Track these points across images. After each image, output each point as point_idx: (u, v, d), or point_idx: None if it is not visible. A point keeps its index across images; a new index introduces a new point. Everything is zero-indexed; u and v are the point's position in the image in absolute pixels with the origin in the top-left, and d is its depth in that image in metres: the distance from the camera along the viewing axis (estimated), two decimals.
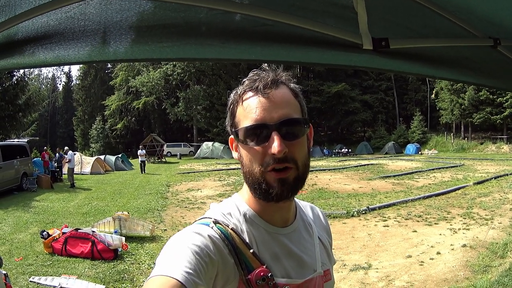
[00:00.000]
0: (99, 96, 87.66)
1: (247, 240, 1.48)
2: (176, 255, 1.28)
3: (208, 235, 1.39)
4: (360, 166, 35.52)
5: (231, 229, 1.48)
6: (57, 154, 32.75)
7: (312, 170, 31.64)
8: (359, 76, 76.50)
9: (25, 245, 11.63)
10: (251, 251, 1.45)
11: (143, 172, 35.93)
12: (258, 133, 1.39)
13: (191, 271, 1.21)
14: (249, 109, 1.42)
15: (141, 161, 37.16)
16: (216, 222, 1.49)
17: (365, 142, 66.74)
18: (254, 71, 1.50)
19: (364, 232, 12.29)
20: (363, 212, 14.80)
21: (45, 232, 11.06)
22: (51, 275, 9.02)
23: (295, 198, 1.71)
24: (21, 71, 32.87)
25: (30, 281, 8.72)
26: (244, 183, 1.56)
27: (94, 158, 39.77)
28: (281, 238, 1.54)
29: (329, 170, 32.61)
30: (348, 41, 1.48)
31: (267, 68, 1.49)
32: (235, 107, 1.50)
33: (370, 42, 1.45)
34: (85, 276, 9.02)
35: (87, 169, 35.61)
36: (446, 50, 1.60)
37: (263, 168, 1.40)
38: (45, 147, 35.68)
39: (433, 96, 60.56)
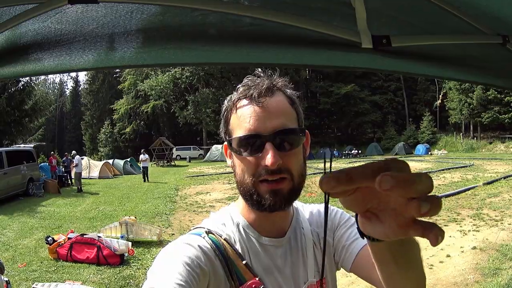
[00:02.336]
0: (107, 100, 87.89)
1: (240, 251, 1.47)
2: (167, 267, 1.26)
3: (199, 246, 1.37)
4: None
5: (224, 239, 1.47)
6: (64, 158, 32.76)
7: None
8: (368, 77, 76.53)
9: (30, 251, 11.62)
10: (244, 262, 1.44)
11: (146, 180, 31.91)
12: (252, 143, 1.36)
13: (182, 283, 1.19)
14: (243, 118, 1.38)
15: (143, 167, 33.03)
16: (209, 232, 1.48)
17: (375, 143, 66.74)
18: (249, 77, 1.46)
19: None
20: None
21: (50, 238, 11.01)
22: (55, 281, 8.88)
23: (297, 202, 1.70)
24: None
25: (33, 287, 8.65)
26: None
27: (102, 162, 39.86)
28: (274, 250, 1.51)
29: None
30: (345, 40, 1.37)
31: (262, 74, 1.44)
32: (229, 115, 1.47)
33: (369, 40, 1.34)
34: (90, 282, 8.98)
35: (95, 173, 35.64)
36: (452, 48, 1.50)
37: (255, 178, 1.37)
38: (52, 152, 35.75)
39: (438, 102, 60.44)
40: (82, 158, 38.00)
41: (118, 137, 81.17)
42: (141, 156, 33.42)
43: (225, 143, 1.51)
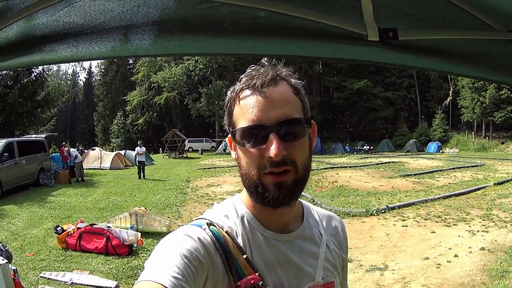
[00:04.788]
0: (120, 92, 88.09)
1: (241, 245, 1.43)
2: (165, 259, 1.24)
3: (198, 238, 1.35)
4: (381, 164, 35.36)
5: (226, 232, 1.43)
6: (76, 149, 32.84)
7: (334, 167, 32.02)
8: (381, 72, 76.40)
9: (38, 241, 11.73)
10: (245, 256, 1.39)
11: (140, 176, 28.43)
12: (255, 134, 1.32)
13: (179, 276, 1.17)
14: (246, 108, 1.35)
15: (138, 161, 29.23)
16: (210, 224, 1.45)
17: (386, 140, 66.72)
18: (252, 67, 1.42)
19: (382, 232, 12.17)
20: (383, 211, 14.67)
21: (59, 227, 11.07)
22: (63, 271, 9.07)
23: (310, 204, 1.72)
24: (40, 67, 33.23)
25: (41, 277, 8.75)
26: None
27: (114, 153, 40.14)
28: (280, 245, 1.46)
29: (350, 167, 32.45)
30: (351, 32, 1.35)
31: (266, 63, 1.41)
32: (232, 106, 1.43)
33: (376, 33, 1.33)
34: (98, 272, 9.03)
35: (107, 164, 35.86)
36: (464, 44, 1.48)
37: (259, 170, 1.33)
38: (64, 143, 35.90)
39: (448, 100, 60.20)
40: (94, 149, 38.19)
41: (131, 128, 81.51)
42: (137, 149, 29.64)
43: (229, 135, 1.47)
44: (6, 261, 7.26)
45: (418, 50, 1.42)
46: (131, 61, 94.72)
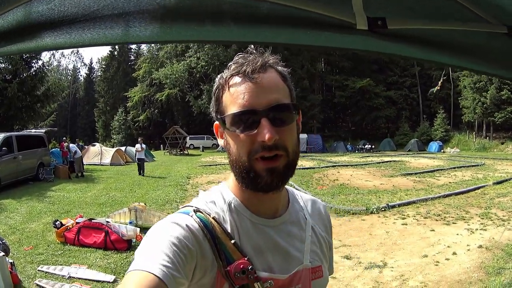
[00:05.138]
0: (122, 88, 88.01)
1: (229, 230, 1.44)
2: (154, 248, 1.25)
3: (187, 225, 1.36)
4: (383, 162, 35.53)
5: (213, 218, 1.44)
6: (75, 144, 32.80)
7: (335, 166, 32.08)
8: (383, 71, 76.54)
9: (37, 235, 11.77)
10: (233, 241, 1.41)
11: (141, 173, 28.09)
12: (246, 119, 1.34)
13: (169, 264, 1.19)
14: (236, 94, 1.36)
15: (138, 158, 28.76)
16: (197, 210, 1.45)
17: (388, 139, 66.92)
18: (240, 54, 1.45)
19: (382, 230, 12.18)
20: (383, 209, 14.68)
21: (58, 222, 11.09)
22: (61, 265, 9.09)
23: (294, 189, 1.75)
24: (40, 62, 33.26)
25: (38, 270, 8.77)
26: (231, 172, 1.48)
27: (114, 149, 40.20)
28: (267, 230, 1.48)
29: (352, 166, 32.51)
30: (340, 21, 1.35)
31: (254, 51, 1.44)
32: (220, 93, 1.44)
33: (365, 22, 1.33)
34: (96, 266, 9.04)
35: (107, 160, 35.88)
36: (455, 35, 1.48)
37: (251, 156, 1.34)
38: (64, 138, 35.97)
39: (436, 88, 59.65)
40: (94, 145, 38.22)
41: (132, 124, 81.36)
42: (137, 146, 29.12)
43: (216, 122, 1.51)
44: (3, 253, 7.29)
45: (407, 39, 1.42)
46: (132, 57, 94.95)
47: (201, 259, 1.33)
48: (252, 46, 1.46)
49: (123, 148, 41.32)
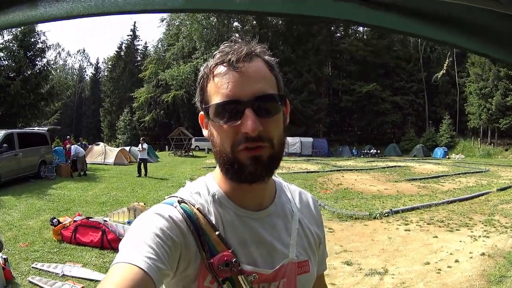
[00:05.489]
0: (128, 88, 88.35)
1: (214, 222, 1.41)
2: (138, 240, 1.23)
3: (170, 216, 1.34)
4: (388, 167, 35.54)
5: (197, 209, 1.41)
6: (78, 143, 32.80)
7: (339, 170, 32.23)
8: (390, 76, 76.66)
9: (33, 232, 11.71)
10: (217, 233, 1.38)
11: (141, 174, 27.01)
12: (230, 110, 1.31)
13: (154, 256, 1.18)
14: (220, 84, 1.33)
15: (140, 159, 27.70)
16: (181, 201, 1.43)
17: (394, 144, 67.19)
18: (226, 43, 1.41)
19: (384, 236, 12.06)
20: (386, 214, 14.57)
21: (55, 219, 11.06)
22: (56, 262, 9.05)
23: (282, 180, 1.72)
24: (44, 60, 33.47)
25: (32, 267, 8.70)
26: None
27: (118, 149, 40.25)
28: (252, 222, 1.46)
29: (356, 170, 32.68)
30: None
31: (239, 40, 1.41)
32: (205, 82, 1.41)
33: None
34: (91, 265, 9.00)
35: (111, 159, 35.84)
36: (459, 11, 1.33)
37: (234, 147, 1.32)
38: (68, 136, 35.87)
39: (440, 73, 59.18)
40: (98, 144, 38.31)
41: (137, 125, 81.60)
42: (139, 146, 28.55)
43: (201, 112, 1.47)
44: None
45: (401, 10, 1.28)
46: (139, 58, 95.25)
47: (185, 250, 1.32)
48: (237, 35, 1.44)
49: (127, 148, 41.45)
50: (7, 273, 7.74)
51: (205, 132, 1.49)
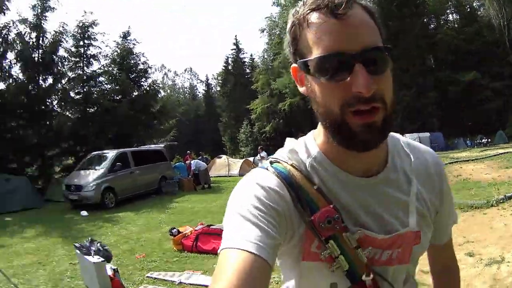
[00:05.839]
0: (243, 101, 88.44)
1: (311, 176, 1.31)
2: (241, 219, 1.17)
3: (265, 182, 1.27)
4: (497, 155, 33.99)
5: (291, 165, 1.34)
6: (199, 158, 33.56)
7: (457, 161, 31.41)
8: (484, 63, 72.95)
9: (152, 243, 12.03)
10: (315, 187, 1.28)
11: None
12: (336, 65, 1.14)
13: (261, 233, 1.12)
14: (320, 34, 1.16)
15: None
16: (274, 161, 1.38)
17: (500, 131, 63.98)
18: None
19: (501, 223, 11.60)
20: (501, 201, 14.03)
21: (174, 229, 11.32)
22: (173, 271, 9.12)
23: (398, 136, 1.52)
24: (150, 80, 35.09)
25: (146, 277, 8.83)
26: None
27: (242, 160, 40.79)
28: (357, 191, 1.32)
29: (472, 160, 31.48)
30: None
31: None
32: (298, 30, 1.24)
33: None
34: (212, 272, 9.01)
35: (235, 171, 36.29)
36: None
37: (343, 108, 1.16)
38: (188, 151, 36.85)
39: None
40: (220, 157, 39.08)
41: (258, 136, 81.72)
42: (258, 155, 29.10)
43: (293, 65, 1.32)
44: (103, 259, 7.42)
45: None
46: (248, 70, 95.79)
47: (288, 216, 1.25)
48: None
49: (251, 159, 41.78)
50: (116, 283, 7.65)
51: (301, 89, 1.35)
